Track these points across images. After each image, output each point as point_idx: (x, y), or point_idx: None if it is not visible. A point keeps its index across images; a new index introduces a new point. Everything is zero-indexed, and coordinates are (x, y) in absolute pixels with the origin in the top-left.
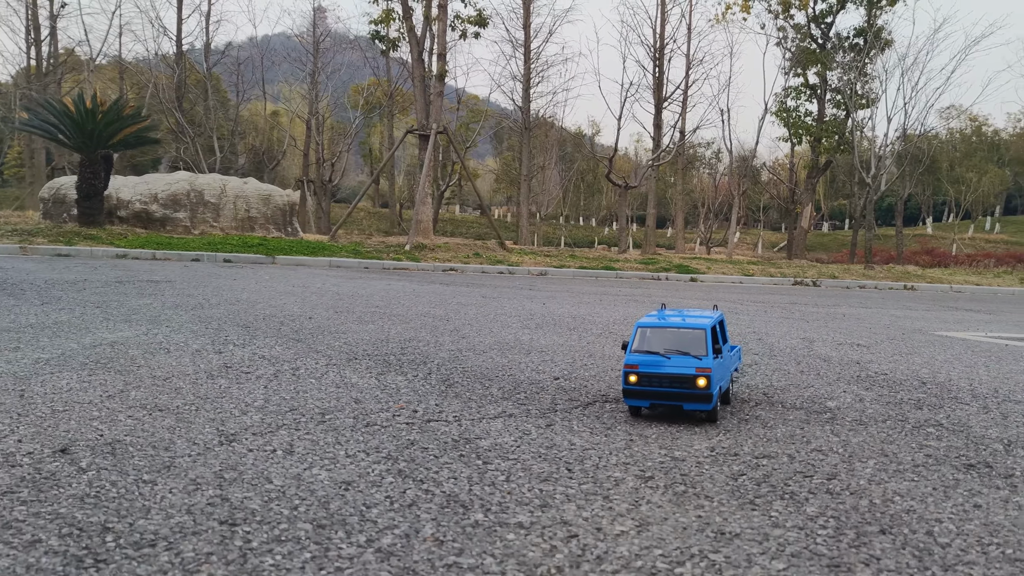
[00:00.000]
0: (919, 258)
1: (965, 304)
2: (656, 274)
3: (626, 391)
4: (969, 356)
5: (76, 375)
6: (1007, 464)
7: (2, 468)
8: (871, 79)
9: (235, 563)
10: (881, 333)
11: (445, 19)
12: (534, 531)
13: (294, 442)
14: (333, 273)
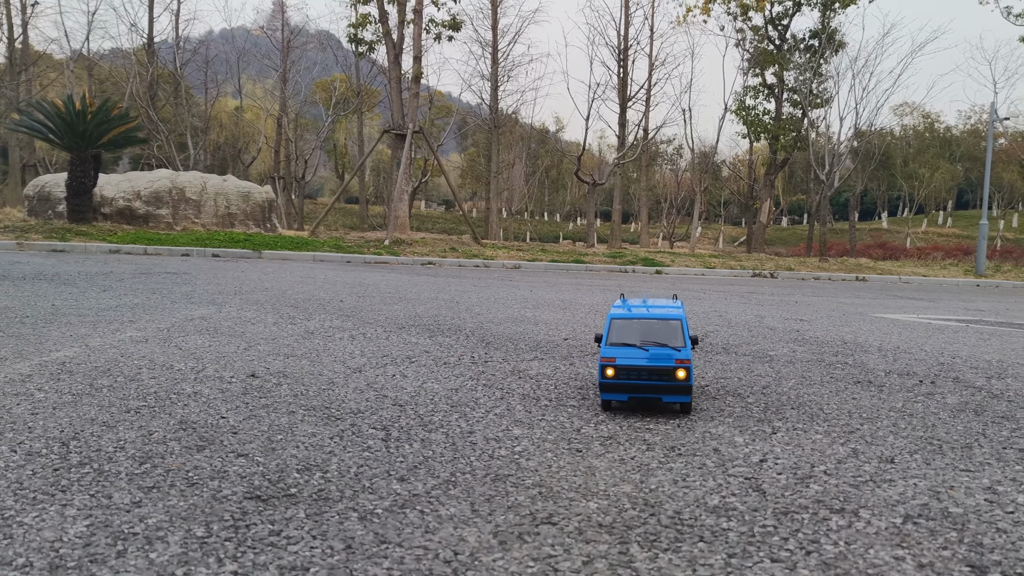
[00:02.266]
0: (872, 251)
1: (910, 293)
2: (624, 267)
3: (603, 385)
4: (890, 328)
5: (202, 338)
6: (883, 381)
7: (220, 383)
8: (826, 79)
9: (420, 417)
10: (824, 313)
11: (420, 23)
12: (577, 411)
13: (401, 372)
14: (324, 266)
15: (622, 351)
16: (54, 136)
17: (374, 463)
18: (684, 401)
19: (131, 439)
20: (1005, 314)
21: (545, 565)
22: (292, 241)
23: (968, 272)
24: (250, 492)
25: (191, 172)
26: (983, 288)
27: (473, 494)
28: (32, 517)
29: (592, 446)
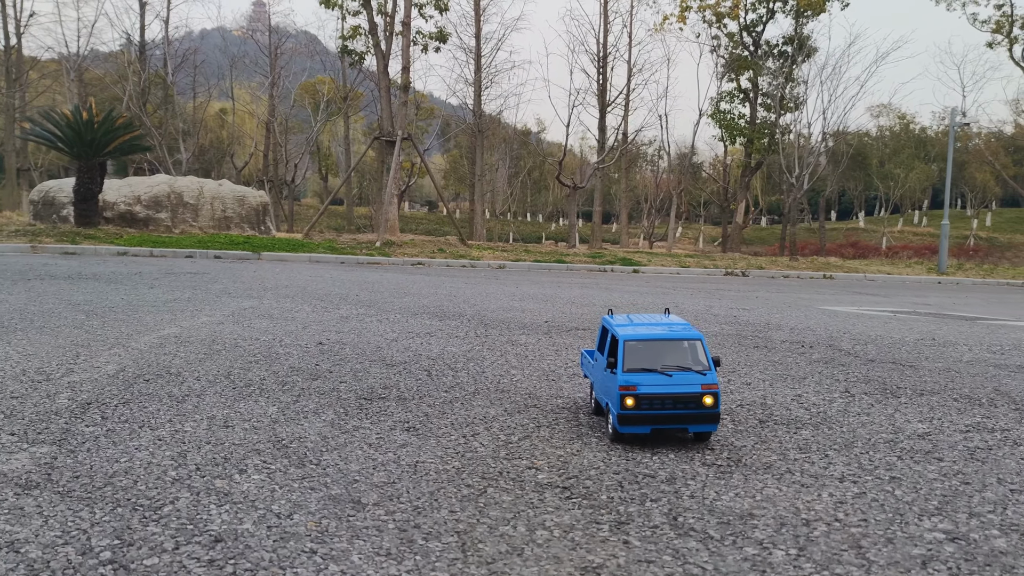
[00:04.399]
0: (844, 250)
1: (869, 289)
2: (603, 266)
3: (622, 417)
4: (818, 316)
5: (263, 321)
6: (776, 347)
7: (300, 348)
8: (798, 83)
9: (448, 364)
10: (770, 305)
11: (409, 35)
12: (554, 362)
13: (426, 341)
14: (323, 267)
15: (643, 377)
16: (63, 145)
17: (426, 385)
18: (711, 430)
19: (265, 376)
20: (941, 307)
21: (528, 419)
22: (288, 243)
23: (931, 270)
24: (359, 395)
25: (188, 177)
26: (943, 285)
27: (490, 397)
28: (242, 407)
29: (561, 378)
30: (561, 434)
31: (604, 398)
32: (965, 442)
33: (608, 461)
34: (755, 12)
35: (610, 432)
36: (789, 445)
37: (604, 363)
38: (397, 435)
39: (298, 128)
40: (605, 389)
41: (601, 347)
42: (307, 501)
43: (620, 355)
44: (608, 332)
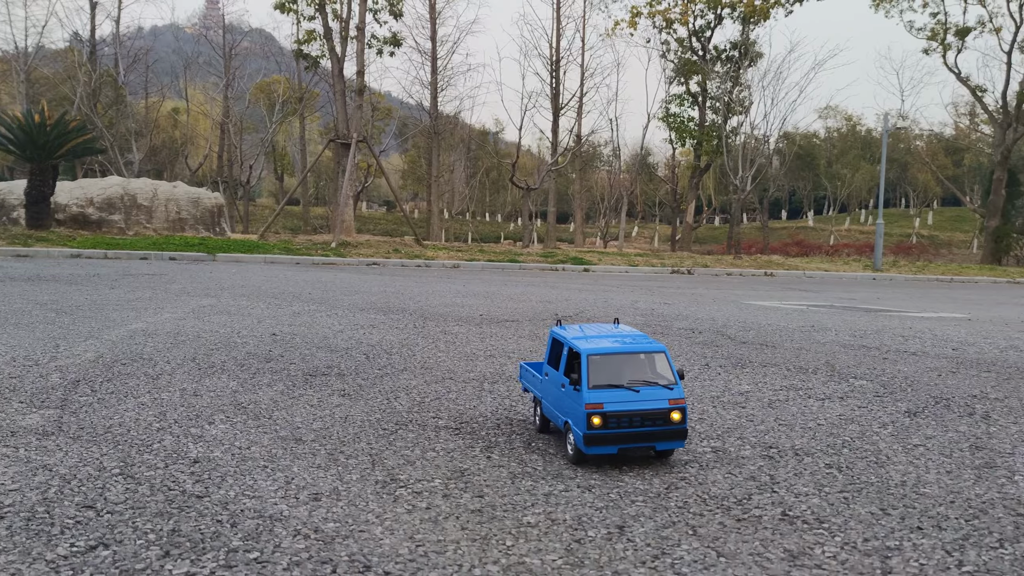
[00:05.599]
0: (789, 248)
1: (804, 286)
2: (555, 265)
3: (589, 438)
4: (733, 309)
5: (222, 316)
6: (674, 332)
7: (256, 338)
8: (744, 88)
9: (384, 350)
10: (697, 300)
11: (363, 39)
12: (477, 347)
13: (368, 332)
14: (279, 268)
15: (610, 394)
16: (15, 147)
17: (363, 365)
18: (678, 447)
19: (225, 359)
20: (858, 301)
21: (443, 388)
22: (243, 244)
23: (868, 267)
24: (306, 372)
25: (142, 179)
26: (877, 281)
27: (415, 373)
28: (207, 382)
29: (479, 358)
30: (466, 397)
31: (561, 416)
32: (770, 396)
33: (496, 413)
34: (703, 18)
35: (571, 453)
36: None
37: (558, 378)
38: (334, 399)
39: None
40: (562, 407)
41: (553, 361)
42: (261, 440)
43: (584, 371)
44: (563, 345)
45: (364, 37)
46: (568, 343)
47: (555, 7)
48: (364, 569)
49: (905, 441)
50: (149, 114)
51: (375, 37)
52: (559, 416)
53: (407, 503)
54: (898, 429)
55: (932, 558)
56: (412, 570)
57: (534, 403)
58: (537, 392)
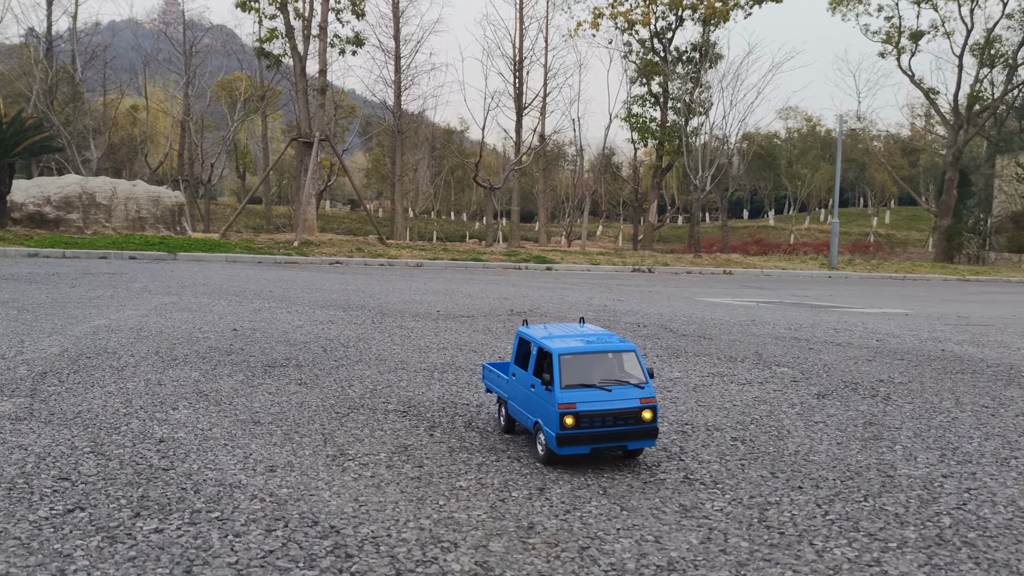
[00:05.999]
0: (749, 247)
1: (759, 283)
2: (518, 264)
3: (562, 438)
4: (683, 305)
5: (183, 314)
6: (621, 326)
7: (217, 334)
8: (705, 89)
9: (342, 344)
10: (651, 296)
11: (325, 39)
12: (431, 340)
13: (327, 327)
14: (240, 267)
15: (582, 394)
16: None
17: (320, 357)
18: (649, 446)
19: (188, 353)
20: (809, 298)
21: (395, 377)
22: (205, 243)
23: (824, 266)
24: (265, 364)
25: (101, 177)
26: (833, 279)
27: (370, 364)
28: (171, 373)
29: (432, 351)
30: (416, 385)
31: (531, 417)
32: (696, 382)
33: (443, 398)
34: (665, 20)
35: (542, 454)
36: None
37: (527, 379)
38: (291, 387)
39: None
40: (532, 407)
41: (520, 361)
42: (222, 422)
43: (556, 371)
44: (531, 345)
45: (326, 36)
46: (537, 343)
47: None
48: (313, 523)
49: (808, 419)
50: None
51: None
52: (528, 417)
53: (354, 473)
54: (805, 409)
55: (803, 510)
56: (355, 524)
57: (499, 403)
58: (503, 393)
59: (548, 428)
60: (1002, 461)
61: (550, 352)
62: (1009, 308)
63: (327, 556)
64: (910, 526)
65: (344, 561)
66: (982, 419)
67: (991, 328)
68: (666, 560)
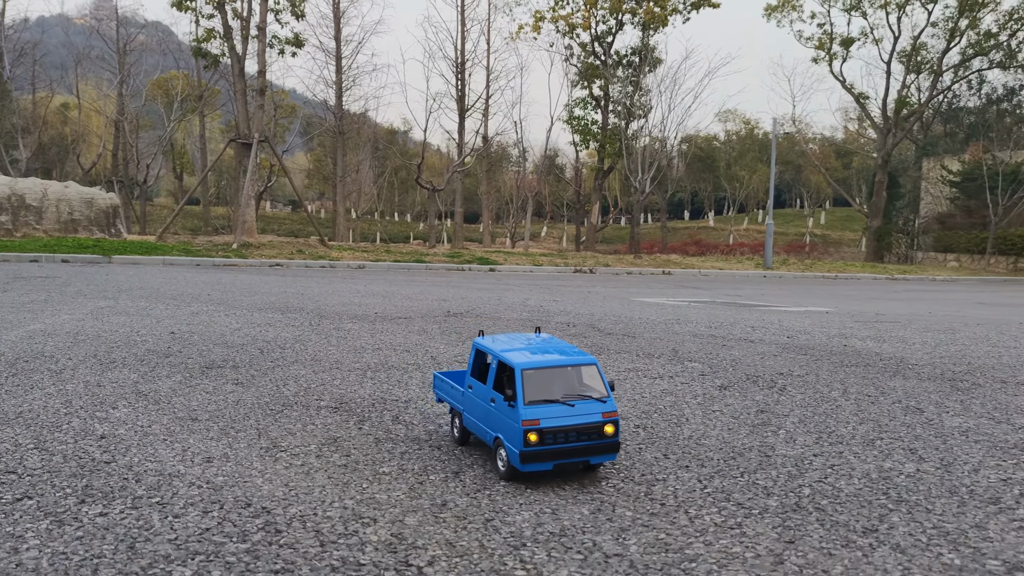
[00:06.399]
0: (688, 248)
1: (696, 283)
2: (461, 265)
3: (526, 455)
4: (616, 305)
5: (121, 317)
6: (551, 325)
7: (155, 336)
8: (645, 92)
9: (279, 345)
10: (588, 297)
11: (264, 40)
12: (367, 342)
13: (265, 329)
14: (178, 269)
15: (546, 410)
16: None
17: (257, 358)
18: (611, 460)
19: (126, 355)
20: (740, 297)
21: (328, 376)
22: (141, 246)
23: (759, 266)
24: (203, 365)
25: (31, 178)
26: (768, 279)
27: (305, 364)
28: (110, 375)
29: (366, 351)
30: (349, 383)
31: (490, 432)
32: (612, 376)
33: (374, 395)
34: (605, 24)
35: (503, 470)
36: None
37: (486, 392)
38: (228, 387)
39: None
40: (492, 422)
41: (478, 373)
42: (160, 420)
43: (519, 386)
44: (490, 357)
45: (265, 37)
46: (498, 356)
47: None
48: (246, 505)
49: (707, 408)
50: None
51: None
52: (488, 432)
53: (285, 462)
54: (706, 400)
55: (686, 485)
56: (284, 505)
57: (452, 415)
58: (457, 404)
59: (511, 445)
60: (869, 442)
61: (512, 367)
62: (927, 305)
63: (258, 532)
64: (774, 496)
65: (274, 536)
66: (862, 406)
67: (897, 325)
68: (559, 528)
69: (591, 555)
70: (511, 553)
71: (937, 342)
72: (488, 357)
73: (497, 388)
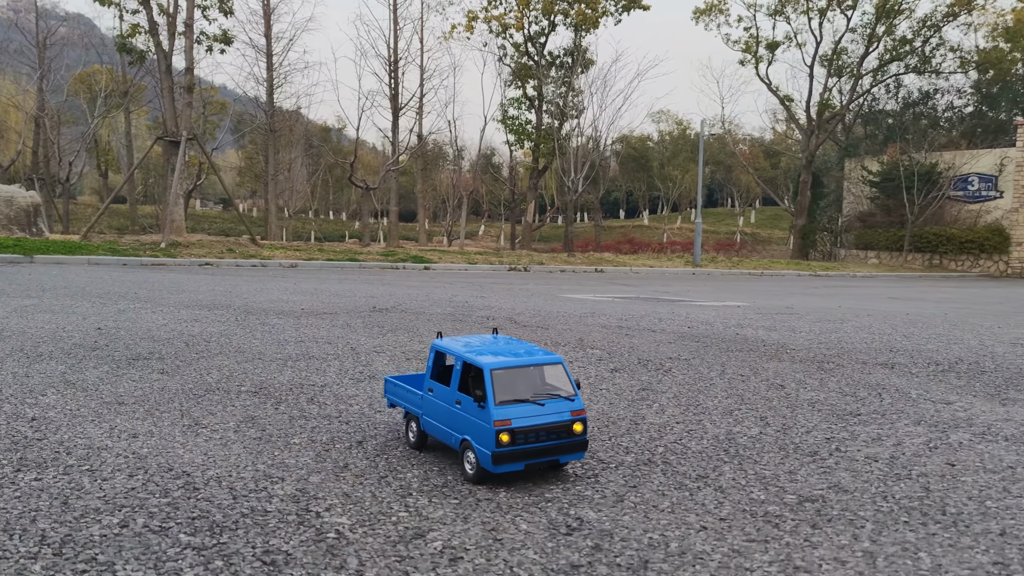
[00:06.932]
0: (621, 246)
1: (627, 280)
2: (395, 264)
3: (498, 456)
4: (540, 301)
5: (45, 315)
6: (471, 320)
7: (82, 332)
8: (578, 93)
9: (204, 339)
10: (515, 293)
11: (192, 37)
12: (290, 337)
13: (191, 325)
14: (104, 269)
15: (517, 410)
16: None
17: (182, 351)
18: (579, 458)
19: (53, 349)
20: (663, 293)
21: (251, 366)
22: (64, 245)
23: (689, 263)
24: (129, 358)
25: None
26: (696, 276)
27: (228, 356)
28: (37, 367)
29: (289, 344)
30: (270, 372)
31: (456, 435)
32: None
33: (293, 381)
34: (538, 24)
35: (471, 473)
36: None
37: (449, 395)
38: (154, 376)
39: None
40: (458, 425)
41: (438, 375)
42: (89, 404)
43: (489, 387)
44: (452, 359)
45: (193, 34)
46: (463, 357)
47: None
48: (168, 470)
49: (596, 387)
50: None
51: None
52: (453, 435)
53: (206, 436)
54: (597, 380)
55: None
56: (203, 469)
57: (407, 419)
58: (414, 408)
59: (481, 446)
60: (727, 412)
61: (481, 367)
62: (841, 300)
63: (178, 490)
64: (632, 453)
65: (191, 492)
66: (733, 384)
67: (795, 316)
68: (443, 481)
69: (465, 499)
70: (398, 500)
71: (822, 331)
72: (449, 359)
73: (463, 390)
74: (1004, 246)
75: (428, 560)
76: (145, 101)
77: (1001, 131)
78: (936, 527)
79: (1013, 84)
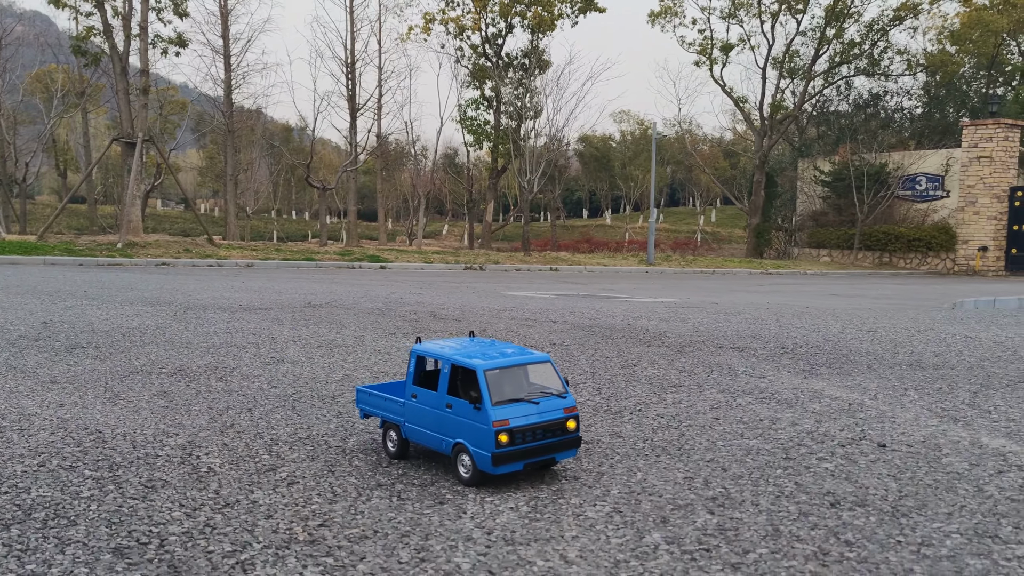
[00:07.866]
0: (579, 245)
1: (578, 279)
2: (351, 263)
3: (498, 457)
4: (475, 297)
5: None
6: (415, 317)
7: (27, 325)
8: (536, 94)
9: (142, 331)
10: (457, 291)
11: (146, 39)
12: (221, 330)
13: (132, 319)
14: (59, 269)
15: (513, 409)
16: None
17: (118, 341)
18: (572, 456)
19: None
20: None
21: (181, 353)
22: (20, 246)
23: (643, 262)
24: (68, 347)
25: None
26: (649, 274)
27: (160, 345)
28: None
29: (217, 335)
30: (192, 357)
31: (448, 439)
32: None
33: (211, 365)
34: (495, 26)
35: (467, 476)
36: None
37: (437, 399)
38: (87, 361)
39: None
40: (451, 429)
41: (423, 381)
42: (25, 383)
43: (484, 388)
44: (438, 363)
45: (147, 36)
46: (450, 360)
47: (348, 9)
48: (84, 428)
49: None
50: None
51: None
52: (444, 439)
53: (123, 407)
54: None
55: None
56: (113, 428)
57: (384, 428)
58: (394, 417)
59: (479, 449)
60: (572, 384)
61: (473, 369)
62: (776, 296)
63: (90, 442)
64: None
65: (100, 443)
66: (594, 364)
67: (695, 310)
68: (307, 434)
69: (319, 447)
70: (266, 448)
71: (710, 322)
72: (433, 363)
73: (453, 393)
74: (951, 244)
75: (271, 484)
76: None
77: (948, 132)
78: (666, 458)
79: (959, 86)
